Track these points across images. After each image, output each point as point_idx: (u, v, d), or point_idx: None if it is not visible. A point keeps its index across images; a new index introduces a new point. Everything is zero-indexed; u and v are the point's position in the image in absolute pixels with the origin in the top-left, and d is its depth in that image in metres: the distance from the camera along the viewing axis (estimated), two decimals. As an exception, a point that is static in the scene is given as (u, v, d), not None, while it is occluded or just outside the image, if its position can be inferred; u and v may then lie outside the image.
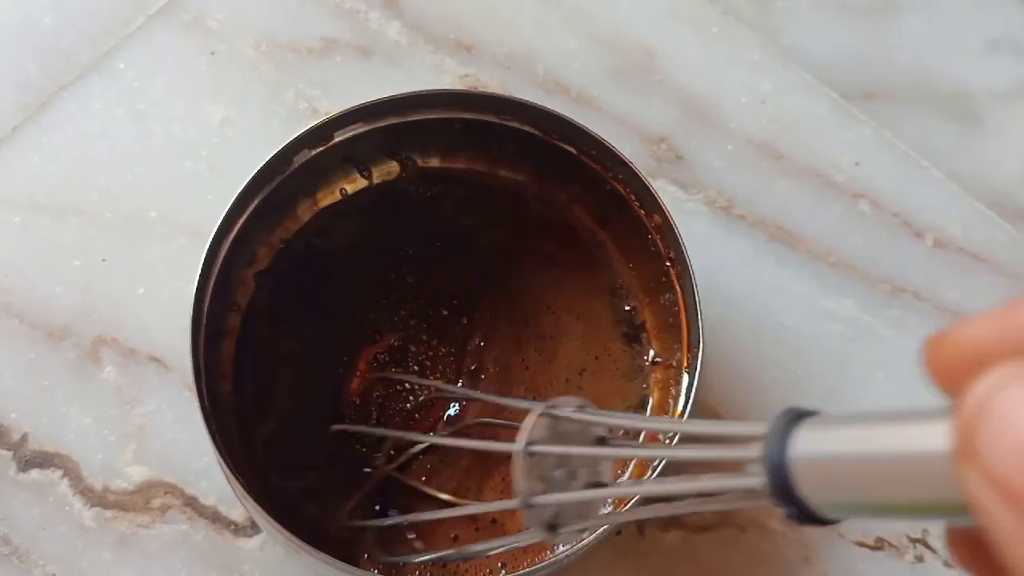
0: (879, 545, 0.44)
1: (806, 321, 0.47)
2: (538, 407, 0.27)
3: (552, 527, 0.27)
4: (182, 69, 0.50)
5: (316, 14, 0.52)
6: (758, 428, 0.19)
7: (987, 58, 0.54)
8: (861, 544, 0.44)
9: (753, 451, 0.19)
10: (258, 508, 0.34)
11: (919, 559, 0.44)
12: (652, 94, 0.51)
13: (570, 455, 0.27)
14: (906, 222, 0.49)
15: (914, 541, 0.44)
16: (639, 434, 0.40)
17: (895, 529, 0.44)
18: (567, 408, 0.27)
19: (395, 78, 0.51)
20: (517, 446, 0.26)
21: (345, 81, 0.50)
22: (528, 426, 0.27)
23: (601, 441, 0.28)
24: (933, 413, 0.16)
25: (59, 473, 0.43)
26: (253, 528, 0.42)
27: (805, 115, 0.51)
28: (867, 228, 0.49)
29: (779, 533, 0.44)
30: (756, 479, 0.19)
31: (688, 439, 0.35)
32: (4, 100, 0.49)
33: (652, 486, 0.32)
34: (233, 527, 0.42)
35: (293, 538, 0.34)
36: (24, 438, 0.43)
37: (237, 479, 0.35)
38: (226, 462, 0.35)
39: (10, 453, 0.43)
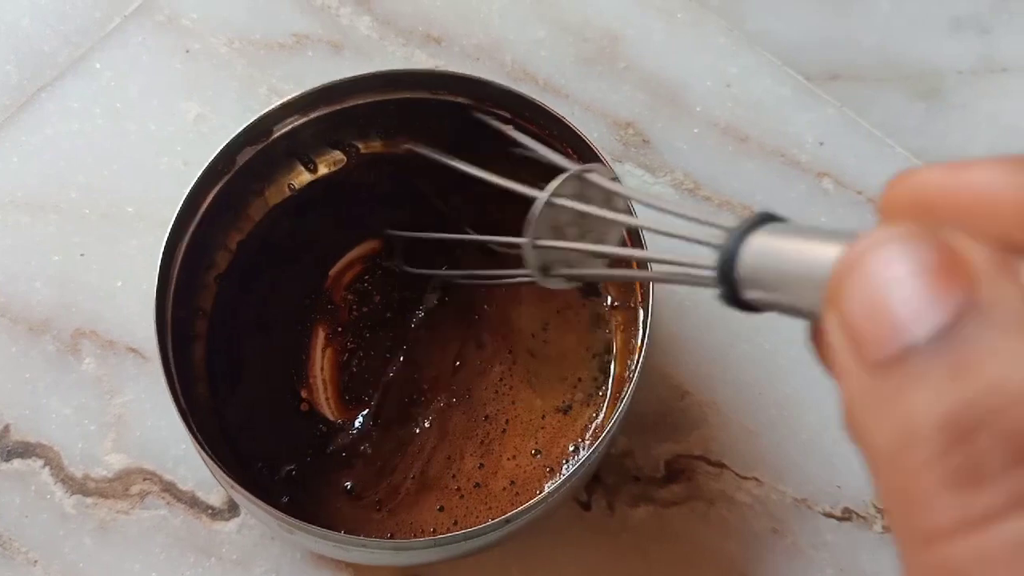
0: (847, 516, 0.44)
1: (772, 298, 0.48)
2: (573, 167, 0.31)
3: (545, 269, 0.31)
4: (157, 68, 0.51)
5: (288, 11, 0.53)
6: (732, 221, 0.21)
7: (951, 36, 0.54)
8: (828, 515, 0.44)
9: (720, 237, 0.21)
10: (239, 489, 0.35)
11: (887, 529, 0.44)
12: (619, 80, 0.52)
13: (586, 215, 0.30)
14: (871, 199, 0.50)
15: (881, 511, 0.44)
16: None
17: (862, 499, 0.44)
18: (596, 175, 0.31)
19: (366, 72, 0.51)
20: (543, 194, 0.30)
21: (317, 76, 0.51)
22: (557, 180, 0.30)
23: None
24: (848, 236, 0.18)
25: (40, 462, 0.44)
26: (230, 512, 0.43)
27: (770, 97, 0.52)
28: (832, 206, 0.50)
29: (747, 506, 0.44)
30: (711, 259, 0.21)
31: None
32: (-17, 102, 0.50)
33: (632, 251, 0.39)
34: (211, 511, 0.43)
35: (277, 512, 0.34)
36: (6, 429, 0.44)
37: (219, 467, 0.35)
38: (206, 451, 0.36)
39: (-7, 444, 0.44)
